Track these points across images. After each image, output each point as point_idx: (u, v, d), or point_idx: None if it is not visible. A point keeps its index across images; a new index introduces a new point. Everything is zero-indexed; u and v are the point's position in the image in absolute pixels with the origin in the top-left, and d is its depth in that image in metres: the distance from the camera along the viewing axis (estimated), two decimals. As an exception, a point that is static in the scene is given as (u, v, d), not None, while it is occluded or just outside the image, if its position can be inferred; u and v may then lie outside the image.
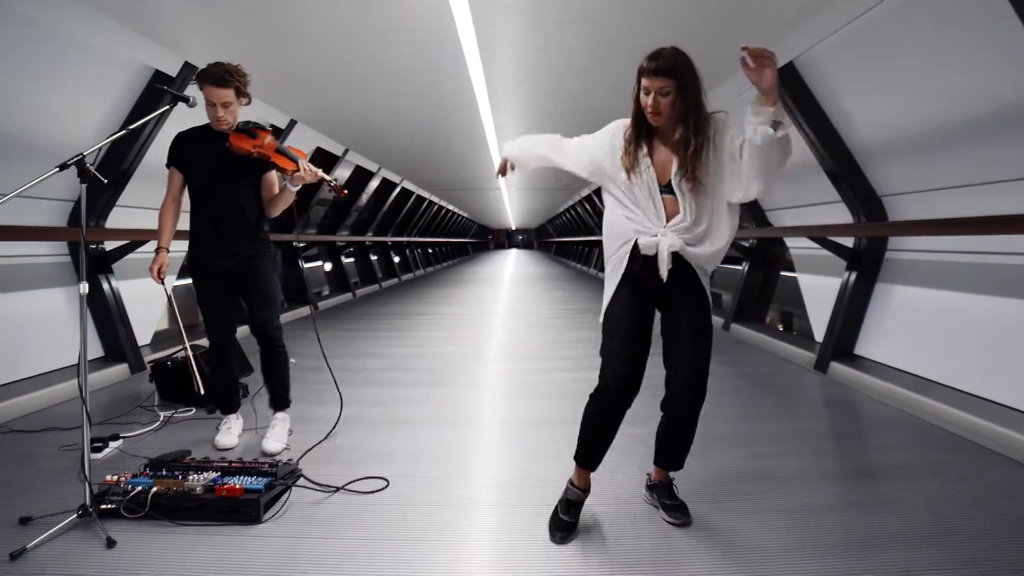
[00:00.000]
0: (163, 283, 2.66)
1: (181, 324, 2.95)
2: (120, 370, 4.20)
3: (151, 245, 4.73)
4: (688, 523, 2.11)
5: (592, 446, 2.09)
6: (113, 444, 2.82)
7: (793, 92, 4.10)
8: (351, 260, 11.16)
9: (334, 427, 3.00)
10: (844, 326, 4.26)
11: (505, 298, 10.40)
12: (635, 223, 1.97)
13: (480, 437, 3.10)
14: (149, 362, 3.70)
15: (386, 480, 2.45)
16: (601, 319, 2.06)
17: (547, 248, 37.53)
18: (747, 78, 1.71)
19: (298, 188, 2.68)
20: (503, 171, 2.38)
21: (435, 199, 16.44)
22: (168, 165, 2.71)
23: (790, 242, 5.37)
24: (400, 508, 2.26)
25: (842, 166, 4.13)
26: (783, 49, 3.98)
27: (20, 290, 3.82)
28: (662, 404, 2.11)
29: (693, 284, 1.99)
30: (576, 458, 2.13)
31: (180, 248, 5.33)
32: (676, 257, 1.93)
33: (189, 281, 5.69)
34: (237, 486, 2.13)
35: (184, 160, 2.69)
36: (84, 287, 2.11)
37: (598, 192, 13.16)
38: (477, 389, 4.06)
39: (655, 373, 2.04)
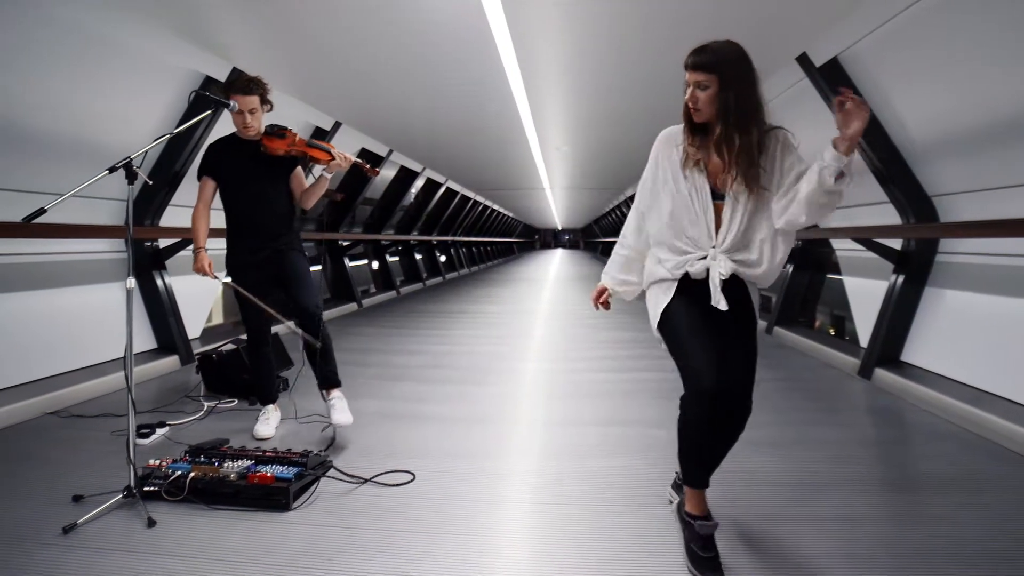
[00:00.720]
0: (215, 276, 2.85)
1: (266, 306, 2.94)
2: (171, 362, 4.42)
3: (208, 242, 4.98)
4: (715, 525, 2.07)
5: (697, 463, 1.91)
6: (159, 431, 2.98)
7: (837, 89, 3.96)
8: (395, 259, 11.38)
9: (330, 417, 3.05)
10: (890, 331, 4.09)
11: (546, 298, 10.41)
12: (686, 241, 1.88)
13: (512, 435, 3.13)
14: (196, 355, 3.89)
15: (412, 474, 2.51)
16: (656, 326, 1.96)
17: (593, 248, 37.26)
18: (835, 118, 1.66)
19: (333, 175, 2.83)
20: (600, 301, 2.20)
21: (480, 199, 16.58)
22: (200, 175, 2.87)
23: (836, 243, 5.20)
24: (426, 501, 2.31)
25: (890, 166, 3.97)
26: (826, 44, 3.88)
27: (82, 284, 4.08)
28: None
29: (743, 298, 1.90)
30: (687, 480, 1.93)
31: (218, 246, 5.59)
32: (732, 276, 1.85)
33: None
34: (269, 474, 2.23)
35: (218, 167, 2.87)
36: (131, 282, 2.26)
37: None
38: (512, 387, 4.09)
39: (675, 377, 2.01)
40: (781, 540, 2.01)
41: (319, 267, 8.29)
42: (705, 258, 1.86)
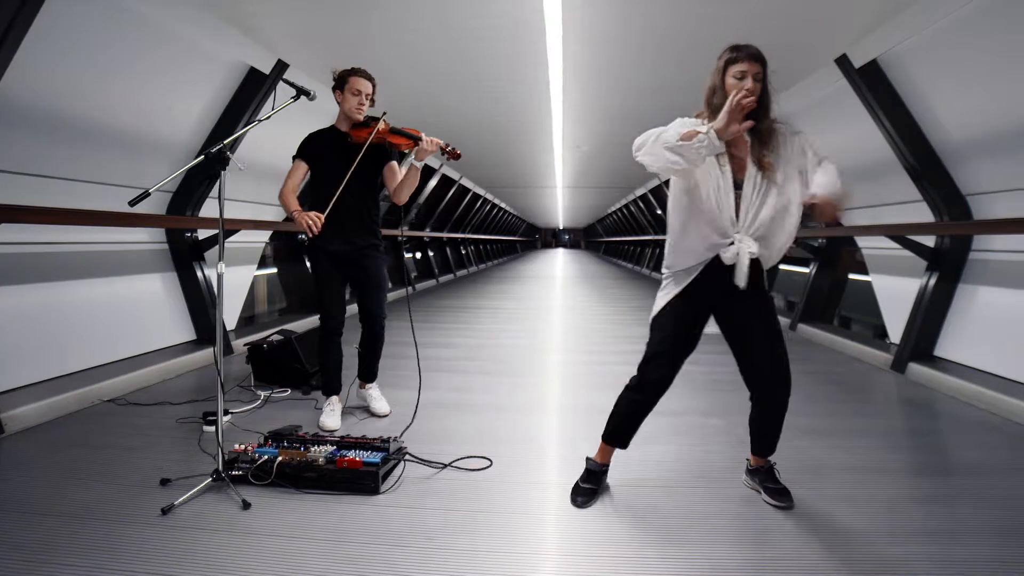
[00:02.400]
0: (318, 224, 2.70)
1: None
2: (211, 353, 4.44)
3: (242, 235, 5.01)
4: (791, 506, 2.15)
5: (624, 430, 2.28)
6: (224, 419, 3.01)
7: (875, 90, 4.06)
8: (410, 255, 11.41)
9: (415, 409, 3.12)
10: (924, 327, 4.18)
11: (560, 294, 10.49)
12: (714, 228, 1.99)
13: (569, 423, 3.18)
14: (246, 344, 3.92)
15: (489, 460, 2.56)
16: (651, 316, 2.17)
17: (595, 248, 37.34)
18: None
19: (423, 163, 2.82)
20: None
21: (489, 196, 16.62)
22: (296, 157, 2.89)
23: (863, 242, 5.28)
24: (504, 485, 2.37)
25: (925, 165, 4.06)
26: (866, 46, 3.95)
27: (121, 275, 4.08)
28: (753, 398, 2.17)
29: (760, 283, 2.04)
30: (604, 437, 2.30)
31: (260, 238, 5.61)
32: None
33: (271, 271, 6.03)
34: (357, 459, 2.27)
35: (312, 154, 2.89)
36: (222, 267, 2.28)
37: (655, 191, 13.10)
38: (552, 378, 4.16)
39: (732, 370, 2.08)
40: (830, 517, 2.07)
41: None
42: (733, 243, 1.98)
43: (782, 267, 9.33)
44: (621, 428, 2.27)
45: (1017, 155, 3.54)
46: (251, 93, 4.34)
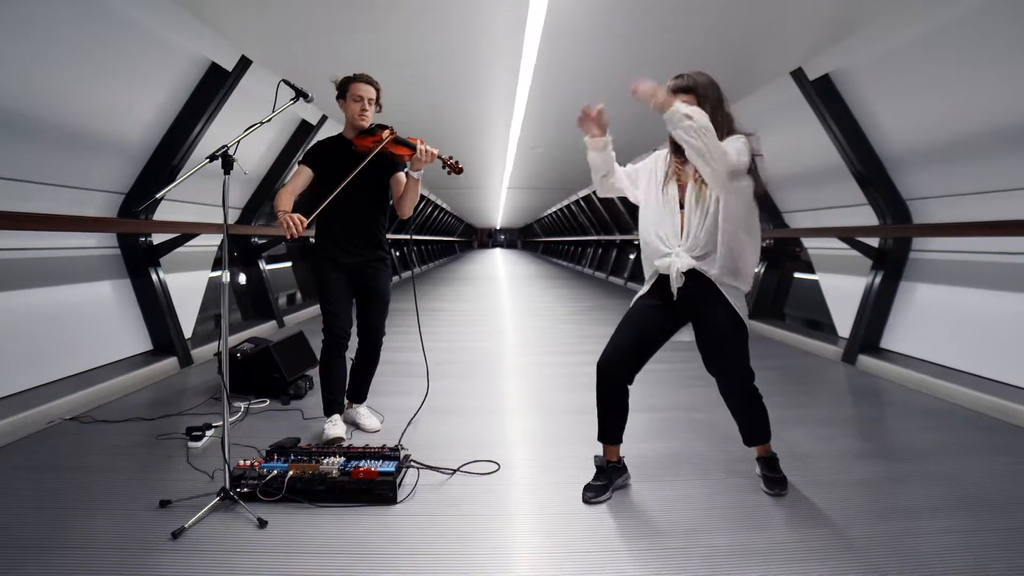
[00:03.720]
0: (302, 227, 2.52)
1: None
2: (170, 364, 4.21)
3: (200, 239, 4.77)
4: (782, 495, 2.30)
5: (604, 425, 2.36)
6: (208, 433, 2.87)
7: (827, 102, 4.35)
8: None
9: (417, 411, 3.11)
10: (871, 321, 4.52)
11: (514, 295, 10.54)
12: (659, 241, 2.22)
13: (564, 424, 3.21)
14: (216, 354, 3.73)
15: (497, 463, 2.57)
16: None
17: (533, 248, 37.67)
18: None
19: (420, 173, 2.73)
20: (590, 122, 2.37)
21: (432, 197, 16.45)
22: (302, 162, 2.78)
23: (809, 243, 5.63)
24: (516, 488, 2.40)
25: (871, 171, 4.38)
26: (820, 62, 4.23)
27: (69, 283, 3.79)
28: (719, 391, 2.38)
29: (715, 296, 2.18)
30: (598, 436, 2.38)
31: (212, 242, 5.35)
32: (695, 272, 2.16)
33: (217, 274, 5.73)
34: (372, 469, 2.23)
35: (319, 161, 2.77)
36: (227, 275, 2.18)
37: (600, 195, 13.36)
38: (529, 380, 4.20)
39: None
40: (822, 504, 2.24)
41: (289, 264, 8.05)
42: (670, 256, 2.19)
43: None
44: (602, 423, 2.37)
45: (950, 164, 3.92)
46: (212, 90, 4.12)
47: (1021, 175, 3.46)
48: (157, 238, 4.32)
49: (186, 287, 4.78)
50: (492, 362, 4.77)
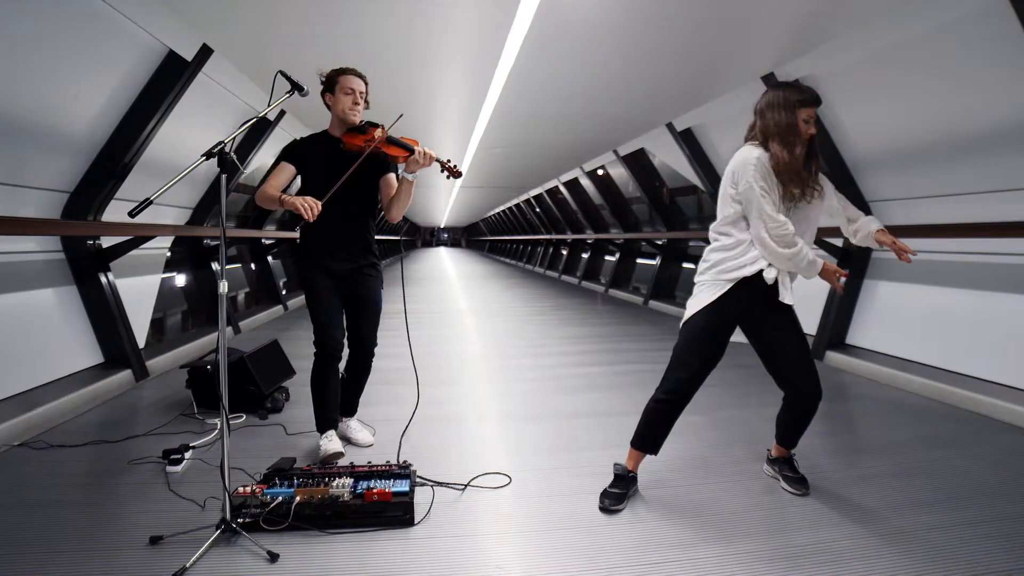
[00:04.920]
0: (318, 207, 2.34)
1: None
2: (124, 377, 3.87)
3: (156, 242, 4.44)
4: (807, 493, 2.32)
5: (652, 430, 2.32)
6: (187, 455, 2.63)
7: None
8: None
9: (408, 422, 2.95)
10: (837, 318, 4.68)
11: (471, 296, 10.37)
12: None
13: (565, 429, 3.14)
14: (183, 366, 3.45)
15: (508, 476, 2.48)
16: (682, 322, 2.27)
17: (478, 246, 37.46)
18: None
19: (415, 175, 2.57)
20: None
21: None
22: (281, 159, 2.56)
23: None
24: (531, 500, 2.31)
25: (837, 174, 4.53)
26: (791, 68, 4.35)
27: (4, 292, 3.40)
28: (787, 399, 2.34)
29: (776, 298, 2.17)
30: (633, 443, 2.35)
31: (162, 244, 4.99)
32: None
33: (170, 275, 5.35)
34: (386, 490, 2.08)
35: (302, 158, 2.57)
36: (224, 286, 1.97)
37: (551, 192, 13.40)
38: (516, 384, 4.08)
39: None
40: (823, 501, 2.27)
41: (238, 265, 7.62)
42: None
43: (639, 260, 10.10)
44: (652, 433, 2.31)
45: (907, 168, 4.11)
46: (169, 82, 3.80)
47: (975, 180, 3.67)
48: (107, 241, 3.96)
49: (137, 293, 4.42)
50: (470, 367, 4.64)
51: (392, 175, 2.70)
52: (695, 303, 2.23)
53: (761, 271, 2.13)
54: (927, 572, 1.80)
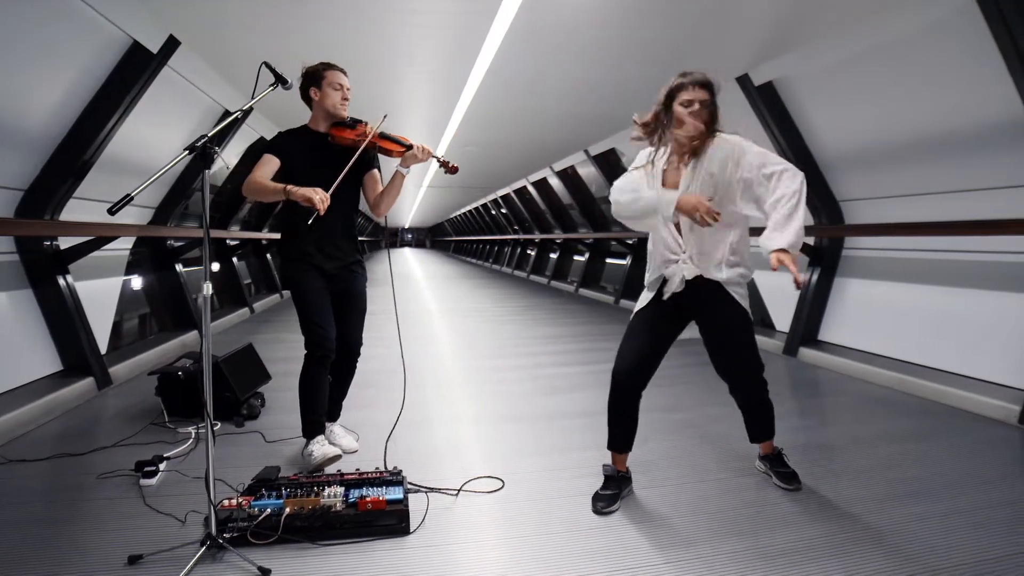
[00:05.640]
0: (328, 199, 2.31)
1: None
2: (85, 385, 3.67)
3: (117, 243, 4.24)
4: (799, 488, 2.34)
5: (615, 433, 2.31)
6: (162, 467, 2.50)
7: (770, 107, 4.55)
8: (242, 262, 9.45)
9: (395, 424, 2.87)
10: (810, 315, 4.78)
11: (442, 297, 10.26)
12: (666, 249, 2.19)
13: (546, 430, 3.11)
14: (151, 373, 3.29)
15: (501, 480, 2.43)
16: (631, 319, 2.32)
17: (443, 247, 37.22)
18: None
19: (408, 170, 2.55)
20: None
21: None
22: (267, 151, 2.46)
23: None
24: (522, 505, 2.26)
25: (809, 174, 4.59)
26: (765, 70, 4.42)
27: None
28: (729, 391, 2.39)
29: (722, 295, 2.18)
30: (607, 444, 2.33)
31: (123, 246, 4.77)
32: (700, 277, 2.15)
33: (131, 278, 5.11)
34: (380, 498, 2.01)
35: (287, 152, 2.48)
36: (208, 288, 1.87)
37: (519, 192, 13.37)
38: (499, 386, 4.03)
39: (675, 364, 2.20)
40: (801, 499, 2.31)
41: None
42: (676, 263, 2.18)
43: (608, 260, 10.21)
44: (615, 432, 2.31)
45: (876, 169, 4.23)
46: (133, 75, 3.61)
47: (940, 180, 3.79)
48: (65, 242, 3.75)
49: (98, 296, 4.21)
50: (448, 369, 4.57)
51: (376, 171, 2.66)
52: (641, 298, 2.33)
53: (662, 277, 2.22)
54: (908, 565, 1.82)
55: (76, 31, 3.23)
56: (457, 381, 4.17)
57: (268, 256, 9.02)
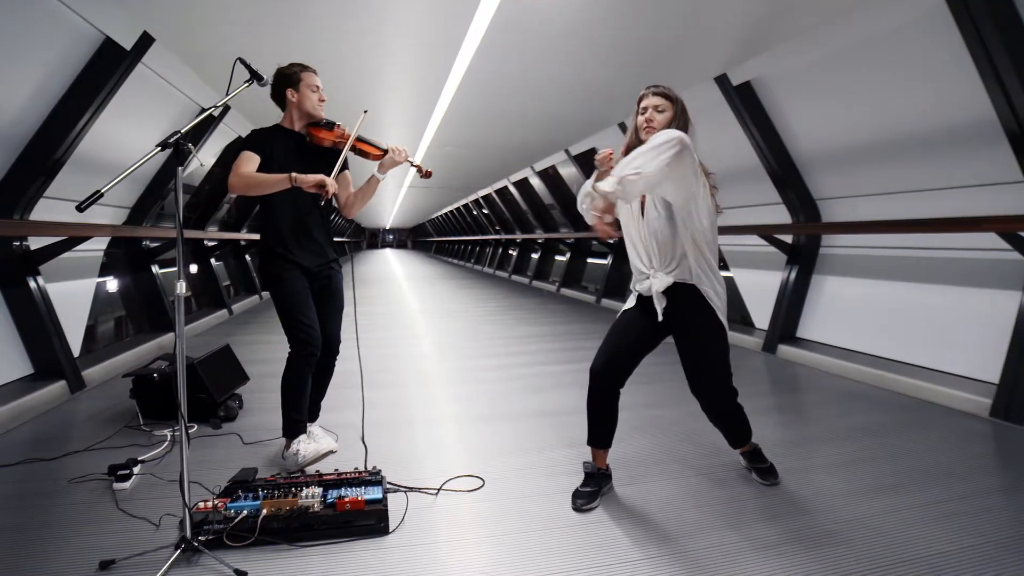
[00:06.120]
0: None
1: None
2: (58, 389, 3.59)
3: (90, 244, 4.17)
4: (777, 483, 2.38)
5: (594, 430, 2.32)
6: (136, 470, 2.45)
7: (748, 106, 4.60)
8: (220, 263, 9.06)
9: (363, 423, 2.85)
10: (788, 312, 4.84)
11: (424, 297, 10.22)
12: (640, 262, 2.22)
13: (530, 428, 3.10)
14: (126, 375, 3.22)
15: (481, 478, 2.42)
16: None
17: (424, 247, 37.06)
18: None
19: (384, 175, 2.56)
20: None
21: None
22: (247, 148, 2.43)
23: (723, 239, 5.94)
24: (502, 503, 2.26)
25: (786, 173, 4.69)
26: (743, 70, 4.47)
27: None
28: (703, 410, 2.39)
29: (699, 303, 2.17)
30: (587, 440, 2.33)
31: (97, 246, 4.68)
32: (675, 284, 2.15)
33: (106, 280, 5.01)
34: (359, 498, 1.99)
35: (267, 149, 2.45)
36: (181, 286, 1.83)
37: (500, 192, 13.37)
38: (480, 385, 4.01)
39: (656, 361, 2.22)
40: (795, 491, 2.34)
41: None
42: (648, 278, 2.19)
43: (590, 260, 10.26)
44: (594, 428, 2.31)
45: (851, 168, 4.30)
46: (105, 72, 3.54)
47: (915, 178, 3.86)
48: (35, 242, 3.67)
49: (70, 298, 4.13)
50: (430, 368, 4.55)
51: (347, 172, 2.67)
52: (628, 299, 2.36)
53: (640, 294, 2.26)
54: (882, 556, 1.85)
55: (45, 26, 3.16)
56: (438, 381, 4.15)
57: (247, 257, 8.90)
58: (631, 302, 2.31)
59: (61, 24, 3.22)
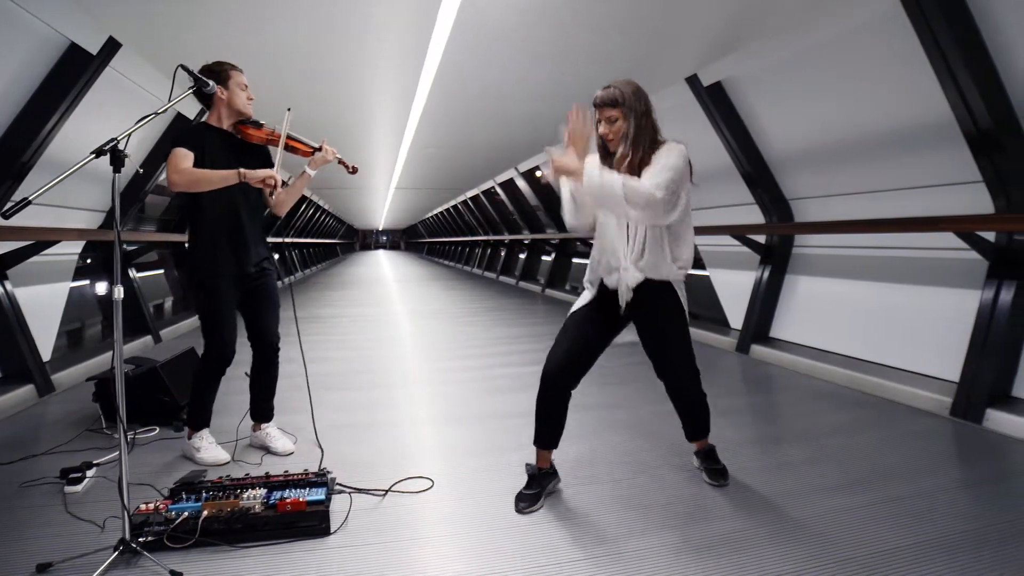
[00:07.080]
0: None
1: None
2: (25, 393, 3.60)
3: (64, 247, 4.18)
4: (725, 484, 2.38)
5: (542, 430, 2.31)
6: (89, 474, 2.46)
7: (719, 107, 4.62)
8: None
9: (314, 423, 2.90)
10: (761, 313, 4.86)
11: (410, 298, 10.24)
12: (606, 255, 2.21)
13: (492, 430, 3.11)
14: (89, 379, 3.23)
15: (431, 479, 2.44)
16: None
17: (417, 249, 37.07)
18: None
19: (316, 171, 2.61)
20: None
21: (314, 198, 15.64)
22: (182, 146, 2.43)
23: (699, 239, 5.96)
24: (456, 502, 2.28)
25: (758, 173, 4.72)
26: (713, 71, 4.49)
27: None
28: (667, 392, 2.41)
29: (661, 295, 2.20)
30: (534, 441, 2.33)
31: (72, 250, 4.69)
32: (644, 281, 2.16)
33: (83, 283, 5.02)
34: (300, 499, 2.01)
35: (202, 148, 2.46)
36: (119, 291, 1.85)
37: (487, 193, 13.41)
38: (451, 386, 4.03)
39: (623, 364, 2.24)
40: (762, 489, 2.36)
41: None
42: (618, 271, 2.18)
43: (575, 260, 10.27)
44: (541, 429, 2.31)
45: (822, 167, 4.32)
46: (72, 76, 3.55)
47: (881, 178, 3.89)
48: (3, 246, 3.68)
49: (41, 302, 4.13)
50: (403, 370, 4.57)
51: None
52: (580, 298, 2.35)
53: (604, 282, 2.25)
54: (837, 552, 1.87)
55: (7, 32, 3.17)
56: (408, 383, 4.16)
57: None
58: (586, 298, 2.29)
59: (24, 30, 3.23)
